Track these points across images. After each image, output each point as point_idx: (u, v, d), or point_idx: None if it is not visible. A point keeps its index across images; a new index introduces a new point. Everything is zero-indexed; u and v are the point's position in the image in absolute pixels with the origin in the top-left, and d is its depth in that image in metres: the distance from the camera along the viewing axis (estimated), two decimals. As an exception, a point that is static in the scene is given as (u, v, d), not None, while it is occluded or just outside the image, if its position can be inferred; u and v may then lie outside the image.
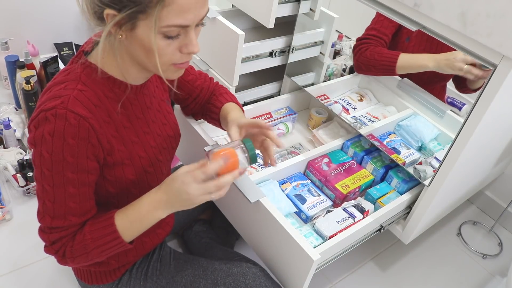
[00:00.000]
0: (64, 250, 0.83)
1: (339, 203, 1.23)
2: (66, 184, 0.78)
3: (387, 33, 1.39)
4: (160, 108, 0.96)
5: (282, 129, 1.44)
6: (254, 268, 1.05)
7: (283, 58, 1.46)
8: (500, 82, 0.91)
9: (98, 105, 0.79)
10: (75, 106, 0.75)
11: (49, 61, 1.80)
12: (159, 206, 0.84)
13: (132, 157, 0.87)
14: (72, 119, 0.74)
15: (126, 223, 0.84)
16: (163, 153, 0.95)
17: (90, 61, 0.80)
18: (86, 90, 0.78)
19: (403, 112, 1.44)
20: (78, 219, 0.82)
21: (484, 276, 1.54)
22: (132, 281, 1.05)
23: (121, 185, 0.88)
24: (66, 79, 0.79)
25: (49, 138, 0.74)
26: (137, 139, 0.88)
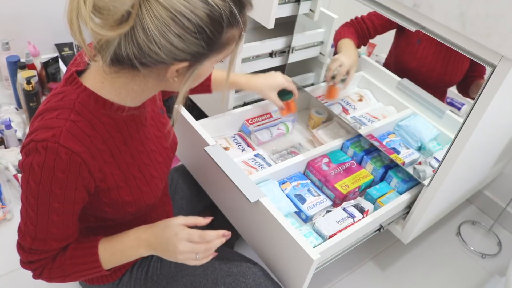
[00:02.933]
0: (41, 270, 0.83)
1: (339, 203, 1.23)
2: (50, 212, 0.76)
3: (376, 24, 1.42)
4: (153, 122, 0.93)
5: (282, 129, 1.44)
6: (254, 268, 1.05)
7: (283, 58, 1.46)
8: (499, 82, 0.92)
9: (92, 135, 0.76)
10: (67, 140, 0.71)
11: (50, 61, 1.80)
12: (143, 245, 0.86)
13: (127, 179, 0.85)
14: (63, 154, 0.71)
15: (109, 253, 0.85)
16: (158, 169, 0.92)
17: (86, 86, 0.76)
18: (80, 120, 0.74)
19: (403, 112, 1.44)
20: (59, 244, 0.81)
21: (483, 276, 1.55)
22: (133, 281, 1.05)
23: (117, 206, 0.86)
24: (59, 105, 0.74)
25: (37, 169, 0.72)
26: (131, 160, 0.85)
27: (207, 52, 0.70)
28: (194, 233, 0.85)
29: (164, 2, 0.63)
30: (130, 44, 0.66)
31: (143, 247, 0.86)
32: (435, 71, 1.36)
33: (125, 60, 0.68)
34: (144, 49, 0.66)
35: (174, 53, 0.67)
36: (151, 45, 0.65)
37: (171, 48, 0.66)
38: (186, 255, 0.85)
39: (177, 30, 0.64)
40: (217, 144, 1.17)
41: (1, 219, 1.40)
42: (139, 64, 0.68)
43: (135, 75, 0.74)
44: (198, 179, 1.30)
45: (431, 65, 1.35)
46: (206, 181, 1.26)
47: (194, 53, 0.68)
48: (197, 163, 1.27)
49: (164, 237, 0.85)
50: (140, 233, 0.87)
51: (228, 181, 1.08)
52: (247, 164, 1.28)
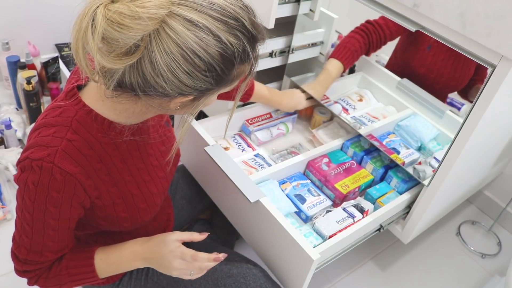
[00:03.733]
0: (36, 279, 0.84)
1: (339, 203, 1.23)
2: (46, 227, 0.76)
3: (392, 30, 1.38)
4: (158, 136, 0.92)
5: (282, 129, 1.44)
6: (255, 269, 1.05)
7: (283, 58, 1.46)
8: (499, 83, 0.92)
9: (89, 155, 0.75)
10: (62, 160, 0.71)
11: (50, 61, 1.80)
12: (139, 258, 0.87)
13: (124, 196, 0.84)
14: (58, 175, 0.70)
15: (105, 264, 0.86)
16: (158, 184, 0.91)
17: (85, 103, 0.75)
18: (77, 139, 0.73)
19: (403, 112, 1.44)
20: (54, 255, 0.82)
21: (483, 276, 1.55)
22: (133, 281, 1.05)
23: (112, 220, 0.86)
24: (56, 122, 0.73)
25: (32, 187, 0.72)
26: (130, 177, 0.84)
27: (214, 88, 0.68)
28: (187, 253, 0.86)
29: (176, 38, 0.60)
30: (135, 74, 0.63)
31: (139, 260, 0.88)
32: (443, 77, 1.36)
33: (128, 87, 0.67)
34: (150, 81, 0.63)
35: (181, 88, 0.65)
36: (158, 79, 0.63)
37: (178, 84, 0.64)
38: (180, 271, 0.87)
39: (187, 68, 0.62)
40: (217, 144, 1.17)
41: (1, 219, 1.40)
42: (142, 93, 0.66)
43: (137, 101, 0.72)
44: (198, 179, 1.30)
45: (440, 71, 1.35)
46: (206, 181, 1.26)
47: (202, 89, 0.66)
48: (197, 163, 1.27)
49: (159, 252, 0.86)
50: (137, 247, 0.88)
51: (228, 181, 1.08)
52: (247, 164, 1.28)
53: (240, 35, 0.64)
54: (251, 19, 0.67)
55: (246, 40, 0.65)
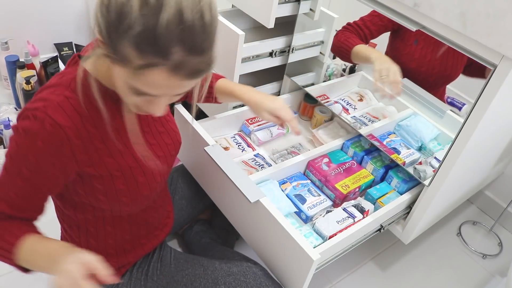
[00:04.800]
0: None
1: (339, 203, 1.23)
2: (17, 175, 0.77)
3: (372, 29, 1.41)
4: (157, 117, 0.93)
5: (282, 129, 1.44)
6: (255, 268, 1.05)
7: (283, 58, 1.46)
8: (500, 82, 0.91)
9: (84, 115, 0.76)
10: (55, 112, 0.73)
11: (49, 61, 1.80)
12: (52, 263, 0.75)
13: (122, 168, 0.84)
14: (48, 125, 0.72)
15: (29, 250, 0.78)
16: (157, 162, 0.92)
17: (85, 67, 0.77)
18: (74, 97, 0.76)
19: (403, 112, 1.44)
20: (8, 209, 0.79)
21: (484, 276, 1.54)
22: (133, 281, 1.05)
23: (111, 194, 0.86)
24: (57, 83, 0.77)
25: (22, 133, 0.74)
26: (126, 149, 0.85)
27: (108, 41, 0.64)
28: None
29: None
30: None
31: (50, 264, 0.77)
32: (435, 69, 1.35)
33: None
34: None
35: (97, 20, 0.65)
36: None
37: None
38: None
39: None
40: (217, 144, 1.17)
41: (0, 219, 1.40)
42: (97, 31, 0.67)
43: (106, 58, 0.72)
44: (198, 179, 1.29)
45: (431, 63, 1.35)
46: (206, 181, 1.26)
47: (101, 29, 0.64)
48: (197, 163, 1.27)
49: (60, 264, 0.73)
50: (55, 252, 0.77)
51: (228, 181, 1.08)
52: (247, 164, 1.28)
53: None
54: None
55: None
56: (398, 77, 1.31)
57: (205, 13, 0.63)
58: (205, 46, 0.65)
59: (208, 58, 0.67)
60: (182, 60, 0.63)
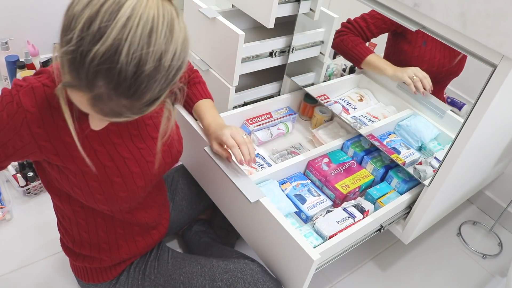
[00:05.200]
0: None
1: (339, 203, 1.23)
2: None
3: (374, 31, 1.41)
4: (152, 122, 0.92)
5: (282, 129, 1.44)
6: (252, 264, 1.05)
7: (283, 58, 1.46)
8: (500, 82, 0.91)
9: (56, 107, 0.75)
10: (25, 96, 0.74)
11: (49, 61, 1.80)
12: None
13: (96, 166, 0.83)
14: (14, 104, 0.74)
15: None
16: (142, 166, 0.90)
17: None
18: (51, 87, 0.75)
19: (403, 112, 1.44)
20: None
21: (484, 276, 1.54)
22: (130, 280, 1.05)
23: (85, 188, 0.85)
24: (45, 69, 0.79)
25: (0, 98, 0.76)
26: (101, 148, 0.83)
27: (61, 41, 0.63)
28: None
29: None
30: None
31: None
32: (445, 67, 1.35)
33: None
34: None
35: None
36: None
37: None
38: None
39: None
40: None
41: (0, 219, 1.40)
42: None
43: None
44: (198, 179, 1.29)
45: (440, 62, 1.34)
46: (206, 181, 1.26)
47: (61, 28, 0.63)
48: (197, 163, 1.27)
49: None
50: None
51: (228, 181, 1.08)
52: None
53: None
54: None
55: None
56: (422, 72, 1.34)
57: (145, 60, 0.59)
58: (135, 92, 0.61)
59: (138, 104, 0.63)
60: (104, 96, 0.61)
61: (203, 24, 1.40)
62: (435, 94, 1.37)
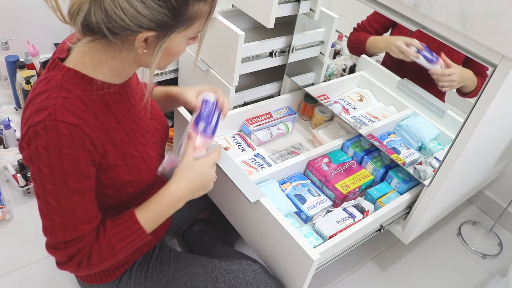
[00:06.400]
0: (88, 259, 0.81)
1: (339, 203, 1.23)
2: (71, 194, 0.76)
3: (376, 27, 1.45)
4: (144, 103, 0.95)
5: (282, 129, 1.44)
6: (254, 265, 1.05)
7: (283, 58, 1.46)
8: (500, 82, 0.91)
9: (85, 110, 0.76)
10: (64, 115, 0.72)
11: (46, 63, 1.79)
12: (182, 198, 0.90)
13: (125, 157, 0.85)
14: (64, 129, 0.72)
15: (149, 218, 0.86)
16: (153, 149, 0.94)
17: (69, 67, 0.77)
18: (70, 96, 0.75)
19: (403, 112, 1.44)
20: (89, 226, 0.80)
21: (484, 276, 1.54)
22: (132, 280, 1.05)
23: (117, 186, 0.87)
24: (47, 88, 0.75)
25: (44, 152, 0.72)
26: (127, 138, 0.86)
27: (173, 23, 0.72)
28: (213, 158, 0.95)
29: None
30: (98, 9, 0.68)
31: (183, 200, 0.90)
32: None
33: (95, 28, 0.70)
34: (111, 15, 0.68)
35: (139, 20, 0.69)
36: (117, 11, 0.67)
37: (135, 14, 0.68)
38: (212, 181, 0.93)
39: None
40: (217, 144, 1.17)
41: (0, 219, 1.40)
42: (107, 31, 0.70)
43: (110, 48, 0.76)
44: (198, 179, 1.29)
45: None
46: (206, 181, 1.26)
47: (159, 22, 0.70)
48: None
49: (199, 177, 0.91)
50: (174, 189, 0.89)
51: (228, 181, 1.08)
52: (247, 164, 1.28)
53: None
54: None
55: None
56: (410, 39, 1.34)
57: None
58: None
59: None
60: None
61: (203, 24, 1.40)
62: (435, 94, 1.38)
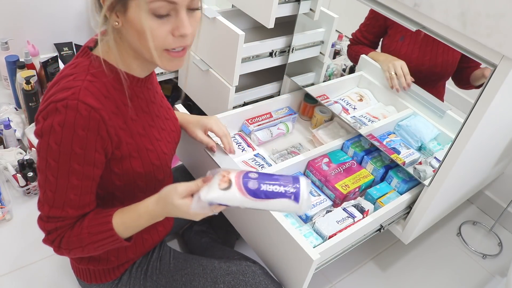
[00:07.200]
0: (59, 240, 0.83)
1: (339, 203, 1.23)
2: (70, 175, 0.77)
3: (370, 38, 1.45)
4: (162, 103, 0.98)
5: (282, 129, 1.44)
6: (254, 266, 1.05)
7: (283, 58, 1.46)
8: (500, 82, 0.91)
9: (107, 96, 0.78)
10: (86, 97, 0.74)
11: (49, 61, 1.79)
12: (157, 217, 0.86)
13: (140, 150, 0.87)
14: (83, 110, 0.73)
15: (122, 227, 0.85)
16: (168, 147, 0.96)
17: (96, 55, 0.80)
18: (96, 81, 0.77)
19: (403, 112, 1.44)
20: (75, 212, 0.82)
21: (484, 276, 1.54)
22: (132, 280, 1.05)
23: (128, 178, 0.88)
24: (74, 71, 0.78)
25: (58, 129, 0.74)
26: (143, 131, 0.88)
27: None
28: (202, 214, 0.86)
29: None
30: None
31: (157, 218, 0.87)
32: (424, 65, 1.36)
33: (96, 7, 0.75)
34: None
35: None
36: None
37: None
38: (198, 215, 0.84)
39: None
40: (217, 144, 1.17)
41: (0, 219, 1.40)
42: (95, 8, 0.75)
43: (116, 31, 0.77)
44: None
45: (419, 60, 1.35)
46: (206, 181, 1.26)
47: None
48: (197, 163, 1.27)
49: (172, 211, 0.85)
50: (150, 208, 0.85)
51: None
52: (247, 164, 1.28)
53: None
54: None
55: None
56: (404, 68, 1.35)
57: None
58: None
59: None
60: None
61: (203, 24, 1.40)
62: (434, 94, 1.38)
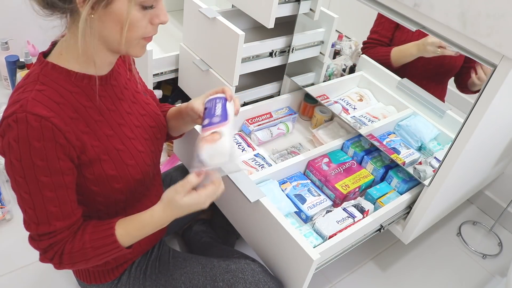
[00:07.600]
0: (59, 256, 0.82)
1: (339, 203, 1.23)
2: (42, 188, 0.76)
3: (388, 35, 1.43)
4: (135, 99, 0.94)
5: (282, 129, 1.44)
6: (253, 264, 1.05)
7: (283, 58, 1.46)
8: (500, 82, 0.91)
9: (61, 103, 0.76)
10: (34, 107, 0.72)
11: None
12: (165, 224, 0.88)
13: (109, 151, 0.84)
14: (33, 122, 0.71)
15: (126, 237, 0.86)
16: (144, 144, 0.92)
17: (48, 60, 0.78)
18: (45, 89, 0.75)
19: (403, 112, 1.44)
20: (63, 223, 0.80)
21: (484, 276, 1.54)
22: (131, 280, 1.05)
23: (102, 182, 0.86)
24: (25, 82, 0.77)
25: (15, 145, 0.72)
26: (111, 132, 0.85)
27: None
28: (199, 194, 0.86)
29: None
30: None
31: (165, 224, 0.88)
32: (431, 64, 1.36)
33: None
34: None
35: None
36: None
37: None
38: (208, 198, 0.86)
39: None
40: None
41: (0, 219, 1.40)
42: None
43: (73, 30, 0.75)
44: (198, 179, 1.29)
45: (427, 58, 1.35)
46: (206, 181, 1.26)
47: None
48: (197, 163, 1.26)
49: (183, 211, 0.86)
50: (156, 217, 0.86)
51: (228, 181, 1.08)
52: (247, 164, 1.28)
53: None
54: None
55: None
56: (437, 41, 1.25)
57: None
58: None
59: None
60: None
61: (203, 24, 1.40)
62: (434, 94, 1.38)
